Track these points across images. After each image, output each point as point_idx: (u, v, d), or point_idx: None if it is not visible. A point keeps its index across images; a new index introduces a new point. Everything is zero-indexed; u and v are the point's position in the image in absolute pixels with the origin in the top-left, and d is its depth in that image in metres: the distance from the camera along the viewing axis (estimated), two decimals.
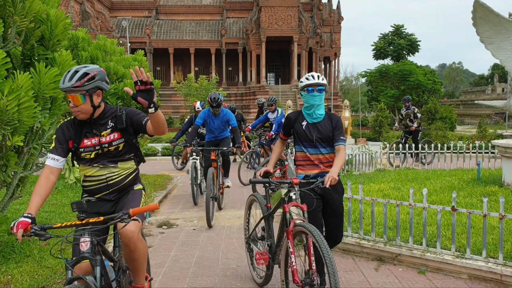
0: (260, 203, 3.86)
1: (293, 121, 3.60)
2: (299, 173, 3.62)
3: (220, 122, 7.05)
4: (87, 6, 34.45)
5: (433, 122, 19.10)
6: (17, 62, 3.99)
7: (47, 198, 2.79)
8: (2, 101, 3.25)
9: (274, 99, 9.74)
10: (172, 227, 6.07)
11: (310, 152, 3.54)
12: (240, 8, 41.08)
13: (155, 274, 4.27)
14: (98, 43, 7.94)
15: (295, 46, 36.69)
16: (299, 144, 3.58)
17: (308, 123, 3.53)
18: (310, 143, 3.51)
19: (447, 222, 4.86)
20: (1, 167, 3.78)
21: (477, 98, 39.08)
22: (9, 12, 3.66)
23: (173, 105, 35.23)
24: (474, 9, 6.72)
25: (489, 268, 3.90)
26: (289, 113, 3.71)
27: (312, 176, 3.49)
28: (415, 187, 6.60)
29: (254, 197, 4.07)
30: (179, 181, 9.78)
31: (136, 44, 37.68)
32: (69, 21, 4.21)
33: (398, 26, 47.39)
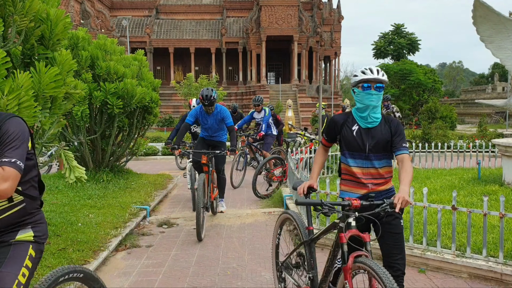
0: (298, 224, 3.16)
1: (340, 125, 2.91)
2: (342, 190, 2.98)
3: (214, 121, 6.23)
4: (87, 5, 34.44)
5: (433, 121, 19.09)
6: (17, 61, 3.99)
7: None
8: (2, 100, 3.25)
9: (260, 98, 9.45)
10: (173, 226, 6.07)
11: (360, 165, 2.85)
12: (240, 8, 41.08)
13: (155, 274, 4.28)
14: (98, 42, 7.94)
15: (295, 45, 36.67)
16: (346, 153, 2.90)
17: (360, 128, 2.85)
18: (361, 153, 2.83)
19: (447, 221, 4.87)
20: None
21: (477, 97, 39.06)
22: (9, 11, 3.66)
23: (174, 104, 35.27)
24: (474, 8, 6.72)
25: (489, 267, 3.90)
26: (334, 116, 3.03)
27: (358, 196, 2.80)
28: (416, 186, 6.60)
29: (289, 216, 3.35)
30: (179, 181, 9.78)
31: (136, 43, 37.68)
32: (69, 21, 4.21)
33: (398, 25, 47.37)
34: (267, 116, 9.25)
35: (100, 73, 7.64)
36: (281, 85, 35.50)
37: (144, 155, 14.75)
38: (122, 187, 7.83)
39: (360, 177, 2.85)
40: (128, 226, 5.61)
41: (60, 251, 4.30)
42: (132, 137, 8.93)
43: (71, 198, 6.75)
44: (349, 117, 2.92)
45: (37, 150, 4.35)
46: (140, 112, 8.80)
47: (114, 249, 4.91)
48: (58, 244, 4.50)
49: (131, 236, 5.47)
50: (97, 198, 6.82)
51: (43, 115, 3.95)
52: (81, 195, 6.93)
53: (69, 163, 4.86)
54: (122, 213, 6.04)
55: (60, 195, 6.95)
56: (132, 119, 8.57)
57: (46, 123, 4.06)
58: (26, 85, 3.43)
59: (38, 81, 3.73)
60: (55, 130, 4.45)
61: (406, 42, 45.89)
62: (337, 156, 8.99)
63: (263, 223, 6.15)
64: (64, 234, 4.83)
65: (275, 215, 6.54)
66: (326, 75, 45.61)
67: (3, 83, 3.34)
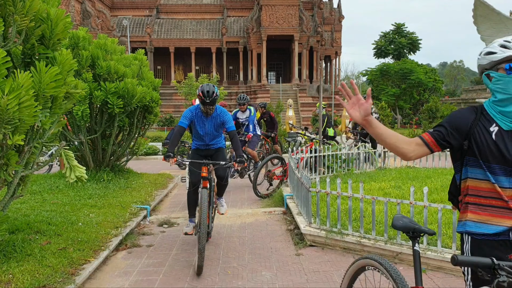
0: (395, 279, 2.29)
1: (471, 123, 1.94)
2: (469, 218, 1.96)
3: (213, 126, 5.05)
4: (88, 5, 34.46)
5: (434, 121, 19.09)
6: (18, 61, 4.00)
7: None
8: (3, 100, 3.26)
9: (245, 97, 8.82)
10: (173, 226, 6.07)
11: (503, 184, 1.89)
12: (241, 7, 41.09)
13: (155, 273, 4.28)
14: (98, 42, 7.94)
15: (295, 45, 36.67)
16: (478, 165, 1.93)
17: (501, 130, 1.90)
18: (506, 165, 1.87)
19: (447, 220, 4.86)
20: (2, 166, 3.78)
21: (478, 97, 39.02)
22: (9, 11, 3.66)
23: (174, 104, 35.28)
24: (474, 7, 6.71)
25: None
26: (458, 110, 2.03)
27: (502, 230, 1.87)
28: (416, 185, 6.60)
29: (373, 262, 2.40)
30: (179, 180, 9.78)
31: (136, 43, 37.71)
32: (69, 20, 4.21)
33: (399, 25, 47.33)
34: (253, 116, 9.03)
35: (100, 72, 7.64)
36: (281, 85, 35.50)
37: (144, 154, 14.76)
38: (122, 186, 7.83)
39: (508, 201, 1.88)
40: (128, 225, 5.61)
41: (61, 251, 4.31)
42: (133, 137, 8.94)
43: (71, 198, 6.75)
44: (482, 114, 1.96)
45: (38, 150, 4.36)
46: (140, 111, 8.80)
47: (115, 248, 4.91)
48: (59, 243, 4.50)
49: (131, 235, 5.47)
50: (98, 198, 6.82)
51: (43, 115, 3.95)
52: (81, 195, 6.93)
53: (69, 163, 4.87)
54: (123, 213, 6.04)
55: (61, 195, 6.95)
56: (133, 118, 8.57)
57: (47, 123, 4.06)
58: (26, 85, 3.43)
59: (38, 80, 3.73)
60: (55, 130, 4.45)
61: (406, 42, 45.85)
62: (337, 155, 8.99)
63: (264, 222, 6.15)
64: (65, 233, 4.84)
65: (276, 214, 6.54)
66: (326, 75, 45.62)
67: (3, 83, 3.34)
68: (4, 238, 4.30)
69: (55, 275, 3.76)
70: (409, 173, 8.79)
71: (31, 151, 4.17)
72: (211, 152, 5.27)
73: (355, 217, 5.23)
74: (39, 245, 4.36)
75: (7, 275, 3.63)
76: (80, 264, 4.12)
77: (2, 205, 4.20)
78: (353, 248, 4.80)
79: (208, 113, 4.91)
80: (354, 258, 4.63)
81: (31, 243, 4.37)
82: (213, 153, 5.26)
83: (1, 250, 4.09)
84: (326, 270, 4.30)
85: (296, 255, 4.77)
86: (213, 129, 5.07)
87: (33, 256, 4.09)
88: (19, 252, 4.12)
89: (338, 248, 4.87)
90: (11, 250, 4.14)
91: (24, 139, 3.80)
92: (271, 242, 5.24)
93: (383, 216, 4.78)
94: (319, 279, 4.11)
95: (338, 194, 4.96)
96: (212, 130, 5.07)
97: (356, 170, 9.39)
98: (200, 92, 4.71)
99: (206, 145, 5.24)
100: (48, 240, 4.55)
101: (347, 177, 7.55)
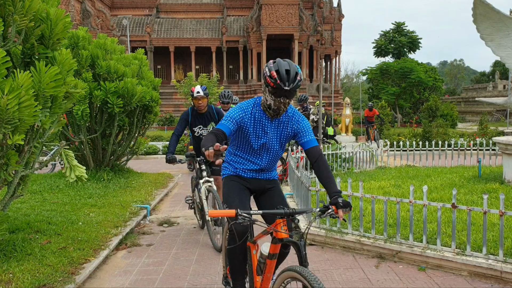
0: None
1: None
2: None
3: (279, 136, 3.10)
4: (88, 4, 34.45)
5: (434, 120, 19.08)
6: (17, 61, 4.00)
7: None
8: (3, 100, 3.26)
9: (229, 94, 7.18)
10: (173, 225, 6.08)
11: None
12: (241, 6, 41.04)
13: (155, 272, 4.29)
14: (98, 41, 7.94)
15: (295, 44, 36.66)
16: None
17: None
18: None
19: (447, 219, 4.87)
20: (2, 166, 3.79)
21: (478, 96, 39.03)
22: (9, 11, 3.67)
23: (174, 103, 35.29)
24: (474, 6, 6.72)
25: (489, 265, 3.91)
26: None
27: None
28: (416, 184, 6.61)
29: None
30: (180, 180, 9.79)
31: (136, 42, 37.69)
32: (69, 20, 4.22)
33: (399, 24, 47.26)
34: None
35: (100, 72, 7.65)
36: None
37: (144, 154, 14.77)
38: (122, 186, 7.84)
39: None
40: (128, 225, 5.62)
41: (61, 250, 4.31)
42: (133, 136, 8.94)
43: (71, 197, 6.76)
44: None
45: (38, 149, 4.36)
46: (140, 111, 8.80)
47: (115, 248, 4.92)
48: (59, 243, 4.51)
49: (131, 235, 5.48)
50: (98, 197, 6.83)
51: (43, 115, 3.96)
52: (81, 194, 6.94)
53: (69, 162, 4.87)
54: (123, 212, 6.05)
55: (61, 194, 6.96)
56: (133, 118, 8.57)
57: (47, 123, 4.07)
58: (26, 85, 3.44)
59: (38, 80, 3.74)
60: (55, 130, 4.46)
61: (407, 41, 45.77)
62: (337, 154, 8.98)
63: None
64: (65, 233, 4.84)
65: None
66: (326, 74, 45.58)
67: (3, 83, 3.35)
68: (5, 238, 4.30)
69: (55, 274, 3.77)
70: (409, 172, 8.79)
71: (31, 151, 4.17)
72: (262, 185, 3.08)
73: (354, 216, 5.23)
74: (39, 245, 4.37)
75: (7, 275, 3.64)
76: (80, 263, 4.13)
77: (2, 204, 4.21)
78: (352, 247, 4.80)
79: (278, 113, 2.79)
80: (354, 257, 4.64)
81: (31, 243, 4.38)
82: (266, 188, 3.10)
83: (1, 249, 4.09)
84: (326, 269, 4.31)
85: None
86: (278, 142, 2.94)
87: (33, 255, 4.10)
88: (19, 252, 4.13)
89: (337, 247, 4.88)
90: (11, 249, 4.14)
91: (24, 139, 3.81)
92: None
93: (383, 215, 4.79)
94: (319, 277, 4.11)
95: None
96: (276, 143, 2.93)
97: (356, 169, 9.40)
98: (274, 71, 2.59)
99: (258, 171, 3.03)
100: (48, 240, 4.56)
101: (347, 176, 7.56)
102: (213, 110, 5.64)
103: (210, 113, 5.60)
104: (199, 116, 5.54)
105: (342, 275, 4.10)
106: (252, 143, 2.91)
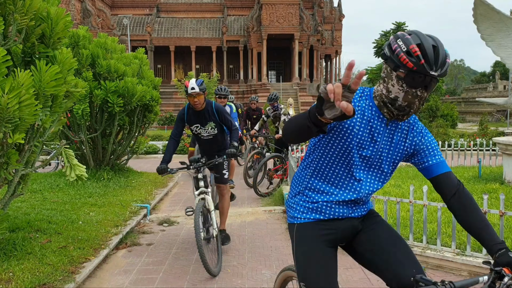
0: None
1: None
2: None
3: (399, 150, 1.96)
4: (88, 4, 34.45)
5: (434, 120, 19.08)
6: (18, 60, 4.00)
7: None
8: (3, 98, 3.26)
9: (225, 89, 7.09)
10: (173, 224, 6.08)
11: None
12: (241, 6, 41.08)
13: (155, 272, 4.29)
14: (99, 41, 7.94)
15: (296, 43, 36.66)
16: None
17: None
18: None
19: (447, 219, 4.87)
20: (2, 165, 3.79)
21: (478, 96, 39.02)
22: (9, 10, 3.67)
23: (174, 102, 35.30)
24: (475, 6, 6.72)
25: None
26: None
27: None
28: (416, 184, 6.61)
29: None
30: (180, 179, 9.80)
31: (137, 41, 37.72)
32: (69, 19, 4.21)
33: (399, 24, 47.24)
34: (234, 114, 8.54)
35: (100, 71, 7.65)
36: (282, 84, 35.49)
37: (144, 153, 14.77)
38: (122, 185, 7.84)
39: None
40: (128, 224, 5.62)
41: (61, 249, 4.32)
42: (133, 136, 8.94)
43: (72, 196, 6.76)
44: None
45: (38, 148, 4.36)
46: (140, 110, 8.80)
47: (115, 247, 4.92)
48: (59, 242, 4.51)
49: (131, 234, 5.48)
50: (98, 196, 6.83)
51: (43, 114, 3.96)
52: (81, 193, 6.94)
53: (70, 161, 4.87)
54: (123, 211, 6.05)
55: (61, 193, 6.96)
56: (133, 117, 8.57)
57: (47, 122, 4.07)
58: (26, 84, 3.44)
59: (38, 79, 3.74)
60: (55, 129, 4.46)
61: None
62: None
63: (264, 221, 6.16)
64: (65, 232, 4.85)
65: (276, 213, 6.55)
66: (327, 74, 45.60)
67: (3, 82, 3.35)
68: (5, 237, 4.31)
69: (56, 274, 3.77)
70: (408, 172, 8.79)
71: (31, 149, 4.17)
72: (355, 226, 2.01)
73: None
74: (40, 244, 4.37)
75: (7, 274, 3.64)
76: (80, 263, 4.13)
77: (2, 203, 4.21)
78: None
79: (405, 113, 1.79)
80: None
81: (31, 242, 4.38)
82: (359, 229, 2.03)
83: (1, 248, 4.10)
84: None
85: None
86: (389, 158, 1.90)
87: (33, 254, 4.10)
88: (20, 251, 4.13)
89: None
90: (12, 248, 4.15)
91: (24, 138, 3.81)
92: (271, 241, 5.25)
93: (383, 214, 4.78)
94: None
95: None
96: (387, 159, 1.90)
97: None
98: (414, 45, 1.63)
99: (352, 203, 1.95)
100: (48, 239, 4.56)
101: None
102: (212, 107, 4.76)
103: (208, 111, 4.74)
104: (195, 113, 4.74)
105: (342, 275, 4.10)
106: (353, 155, 1.82)
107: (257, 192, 7.81)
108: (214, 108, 4.75)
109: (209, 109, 4.74)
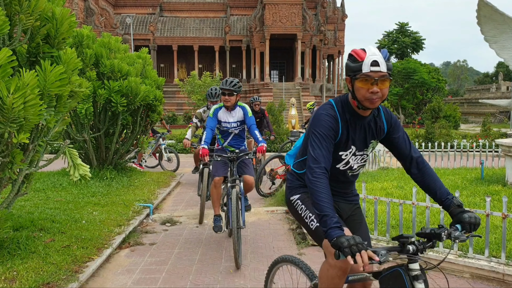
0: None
1: None
2: None
3: None
4: (91, 3, 34.51)
5: (436, 121, 19.04)
6: (23, 60, 4.02)
7: None
8: (8, 98, 3.28)
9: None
10: (176, 224, 6.10)
11: None
12: (244, 6, 41.06)
13: (158, 271, 4.31)
14: (102, 40, 7.97)
15: (298, 43, 36.64)
16: None
17: None
18: None
19: (450, 221, 4.87)
20: (7, 164, 3.81)
21: (481, 97, 38.90)
22: (15, 10, 3.69)
23: (177, 102, 35.35)
24: (478, 8, 6.72)
25: (492, 267, 3.91)
26: None
27: None
28: None
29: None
30: (182, 179, 9.81)
31: (140, 41, 37.76)
32: (74, 19, 4.23)
33: (402, 24, 47.21)
34: (251, 118, 8.18)
35: (104, 71, 7.67)
36: (284, 84, 35.47)
37: None
38: (125, 184, 7.87)
39: None
40: (131, 223, 5.64)
41: (65, 248, 4.34)
42: (136, 135, 8.97)
43: (75, 196, 6.79)
44: None
45: (42, 148, 4.38)
46: (143, 110, 8.83)
47: (118, 246, 4.94)
48: (63, 241, 4.53)
49: (134, 233, 5.50)
50: (101, 196, 6.86)
51: (48, 113, 3.98)
52: (85, 193, 6.97)
53: (73, 161, 4.89)
54: (126, 211, 6.07)
55: (64, 193, 6.99)
56: (136, 117, 8.60)
57: (51, 121, 4.09)
58: (31, 84, 3.46)
59: (43, 79, 3.76)
60: (59, 128, 4.48)
61: (410, 41, 45.73)
62: None
63: (266, 221, 6.17)
64: (69, 231, 4.87)
65: (278, 213, 6.56)
66: (329, 74, 45.56)
67: (9, 82, 3.37)
68: (9, 236, 4.33)
69: (59, 273, 3.79)
70: None
71: (35, 149, 4.20)
72: None
73: None
74: (43, 243, 4.39)
75: (11, 272, 3.67)
76: (83, 262, 4.15)
77: (6, 202, 4.24)
78: None
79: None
80: None
81: (35, 241, 4.41)
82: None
83: (5, 247, 4.12)
84: None
85: (298, 254, 4.78)
86: None
87: (37, 253, 4.12)
88: (23, 250, 4.16)
89: None
90: (15, 247, 4.17)
91: (29, 138, 3.83)
92: (273, 241, 5.26)
93: (385, 216, 4.79)
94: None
95: None
96: None
97: None
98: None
99: None
100: (52, 238, 4.58)
101: None
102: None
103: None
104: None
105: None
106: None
107: (259, 193, 7.82)
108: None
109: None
